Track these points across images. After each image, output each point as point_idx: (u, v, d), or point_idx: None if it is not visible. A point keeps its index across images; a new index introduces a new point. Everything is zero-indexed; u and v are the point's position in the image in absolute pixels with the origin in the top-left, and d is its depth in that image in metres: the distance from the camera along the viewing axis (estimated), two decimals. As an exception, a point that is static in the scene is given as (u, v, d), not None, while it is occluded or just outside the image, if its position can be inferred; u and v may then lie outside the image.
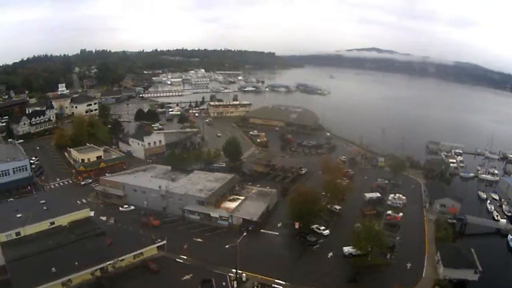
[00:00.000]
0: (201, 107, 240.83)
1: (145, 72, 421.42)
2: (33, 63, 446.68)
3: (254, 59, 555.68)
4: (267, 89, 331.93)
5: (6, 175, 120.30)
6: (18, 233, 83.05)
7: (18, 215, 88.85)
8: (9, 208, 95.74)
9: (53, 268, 70.49)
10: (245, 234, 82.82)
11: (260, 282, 72.07)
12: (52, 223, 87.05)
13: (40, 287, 66.57)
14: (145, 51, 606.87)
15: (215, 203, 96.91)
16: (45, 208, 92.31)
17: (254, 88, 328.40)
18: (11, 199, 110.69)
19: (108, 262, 76.40)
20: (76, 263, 72.78)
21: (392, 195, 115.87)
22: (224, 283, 71.76)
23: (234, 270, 72.23)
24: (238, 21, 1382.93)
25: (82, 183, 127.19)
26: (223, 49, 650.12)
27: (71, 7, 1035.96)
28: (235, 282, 71.19)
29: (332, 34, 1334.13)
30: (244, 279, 72.42)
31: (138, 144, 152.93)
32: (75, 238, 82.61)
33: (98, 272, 75.08)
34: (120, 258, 77.89)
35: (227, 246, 75.00)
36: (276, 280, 72.49)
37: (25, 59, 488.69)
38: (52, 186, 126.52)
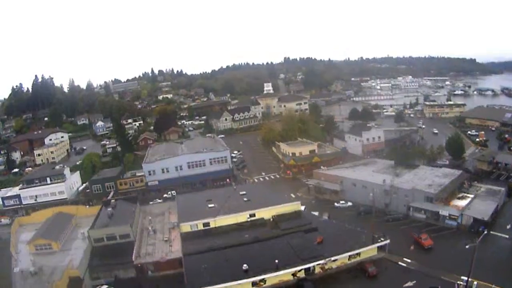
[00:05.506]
0: (416, 108, 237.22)
1: (352, 79, 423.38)
2: (233, 70, 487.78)
3: (457, 66, 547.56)
4: (475, 92, 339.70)
5: (202, 166, 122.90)
6: (206, 224, 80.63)
7: (210, 205, 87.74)
8: (201, 198, 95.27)
9: (244, 265, 63.79)
10: (485, 233, 70.51)
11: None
12: (252, 215, 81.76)
13: (223, 285, 60.20)
14: (350, 59, 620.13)
15: (445, 200, 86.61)
16: (245, 199, 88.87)
17: (462, 92, 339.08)
18: (207, 190, 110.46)
19: (317, 262, 65.97)
20: (276, 261, 64.10)
21: None
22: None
23: (463, 278, 59.83)
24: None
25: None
26: (426, 56, 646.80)
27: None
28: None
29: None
30: (475, 288, 60.49)
31: (355, 139, 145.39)
32: (279, 233, 75.48)
33: (302, 272, 64.78)
34: (332, 258, 66.92)
35: (467, 246, 57.76)
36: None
37: (224, 66, 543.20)
38: (256, 180, 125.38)
